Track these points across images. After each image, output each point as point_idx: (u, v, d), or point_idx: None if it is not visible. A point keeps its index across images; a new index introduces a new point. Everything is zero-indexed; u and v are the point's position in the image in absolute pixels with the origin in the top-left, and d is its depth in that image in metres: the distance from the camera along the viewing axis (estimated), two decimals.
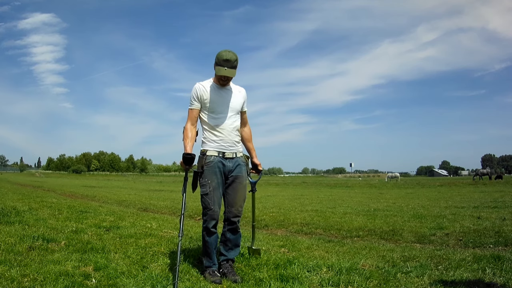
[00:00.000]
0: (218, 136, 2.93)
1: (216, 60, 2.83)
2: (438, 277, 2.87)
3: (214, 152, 2.91)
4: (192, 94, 2.96)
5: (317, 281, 2.75)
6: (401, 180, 39.94)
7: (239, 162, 3.00)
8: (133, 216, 6.68)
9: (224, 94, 2.98)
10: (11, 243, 3.66)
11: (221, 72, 2.81)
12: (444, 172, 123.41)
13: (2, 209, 6.18)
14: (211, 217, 2.86)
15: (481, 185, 23.54)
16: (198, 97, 2.94)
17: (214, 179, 2.87)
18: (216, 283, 2.70)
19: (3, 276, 2.60)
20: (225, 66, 2.80)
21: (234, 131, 2.99)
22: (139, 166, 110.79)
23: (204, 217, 2.89)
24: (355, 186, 27.11)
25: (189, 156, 2.81)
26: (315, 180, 48.37)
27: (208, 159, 2.89)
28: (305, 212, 8.00)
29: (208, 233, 2.89)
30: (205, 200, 2.87)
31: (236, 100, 3.02)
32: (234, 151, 2.97)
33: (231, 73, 2.83)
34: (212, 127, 2.94)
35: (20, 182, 26.05)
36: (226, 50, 2.82)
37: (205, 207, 2.88)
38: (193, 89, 2.96)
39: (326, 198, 13.19)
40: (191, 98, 2.97)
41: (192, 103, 2.97)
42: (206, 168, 2.88)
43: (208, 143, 2.94)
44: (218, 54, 2.83)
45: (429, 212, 7.59)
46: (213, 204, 2.85)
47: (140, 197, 12.54)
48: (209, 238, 2.89)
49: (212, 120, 2.94)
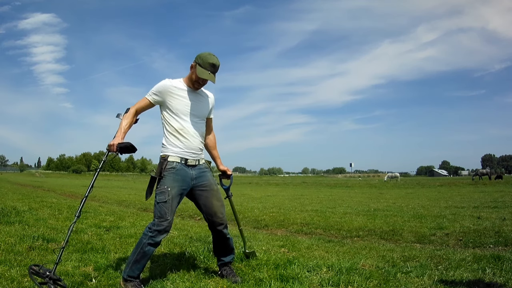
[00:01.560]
0: (183, 141, 2.69)
1: (200, 62, 2.64)
2: (438, 277, 2.87)
3: (177, 158, 2.65)
4: (158, 87, 2.70)
5: (317, 281, 2.75)
6: (401, 180, 39.92)
7: (203, 169, 2.79)
8: (133, 216, 6.68)
9: (193, 97, 2.76)
10: (11, 243, 3.66)
11: (204, 75, 2.63)
12: (444, 172, 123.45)
13: (2, 209, 6.18)
14: (165, 229, 2.55)
15: (481, 185, 23.52)
16: (163, 94, 2.69)
17: (175, 186, 2.60)
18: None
19: (3, 276, 2.61)
20: (209, 70, 2.64)
21: (200, 138, 2.78)
22: (139, 166, 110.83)
23: (156, 227, 2.53)
24: (355, 186, 27.09)
25: (124, 145, 2.56)
26: (315, 180, 48.35)
27: (170, 165, 2.63)
28: (305, 212, 8.00)
29: (154, 245, 2.56)
30: (162, 209, 2.55)
31: (205, 105, 2.85)
32: (197, 158, 2.75)
33: (213, 79, 2.67)
34: (177, 131, 2.69)
35: (20, 182, 26.04)
36: (211, 54, 2.67)
37: (160, 216, 2.54)
38: (161, 83, 2.71)
39: (326, 198, 13.18)
40: (155, 90, 2.70)
41: (152, 94, 2.71)
42: (166, 174, 2.61)
43: (171, 147, 2.68)
44: (203, 56, 2.65)
45: (429, 212, 7.59)
46: (170, 214, 2.55)
47: (140, 197, 12.52)
48: (150, 249, 2.55)
49: (177, 123, 2.70)
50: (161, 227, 2.53)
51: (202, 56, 2.66)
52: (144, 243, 2.53)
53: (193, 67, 2.70)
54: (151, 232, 2.53)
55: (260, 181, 43.55)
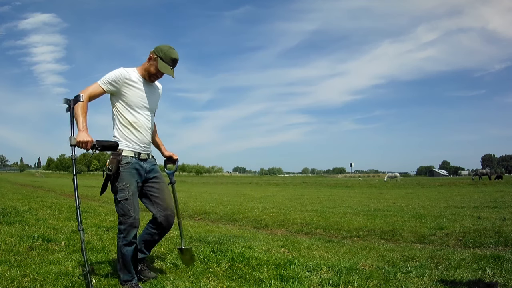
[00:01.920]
0: (137, 135, 2.58)
1: (163, 56, 2.54)
2: (438, 277, 2.87)
3: (130, 153, 2.55)
4: (115, 76, 2.51)
5: (317, 281, 2.75)
6: (401, 180, 39.91)
7: (154, 162, 2.73)
8: None
9: (148, 90, 2.65)
10: (11, 243, 3.66)
11: (166, 71, 2.55)
12: (444, 172, 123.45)
13: (2, 209, 6.19)
14: (133, 225, 2.48)
15: (481, 185, 23.52)
16: (119, 84, 2.52)
17: (132, 182, 2.52)
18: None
19: (3, 276, 2.60)
20: (170, 65, 2.57)
21: (151, 131, 2.70)
22: None
23: (123, 226, 2.47)
24: (355, 186, 27.08)
25: (109, 144, 2.42)
26: (315, 180, 48.35)
27: (125, 159, 2.51)
28: (305, 212, 8.00)
29: (128, 244, 2.49)
30: (125, 206, 2.46)
31: (156, 98, 2.76)
32: (148, 152, 2.67)
33: (173, 74, 2.60)
34: (131, 124, 2.56)
35: (20, 182, 26.05)
36: (172, 48, 2.58)
37: (124, 214, 2.47)
38: (117, 72, 2.53)
39: (326, 198, 13.18)
40: (111, 78, 2.51)
41: (106, 83, 2.51)
42: (123, 170, 2.49)
43: (125, 141, 2.55)
44: (165, 50, 2.55)
45: (429, 212, 7.59)
46: (133, 210, 2.48)
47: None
48: (128, 249, 2.50)
49: (132, 116, 2.57)
50: (127, 225, 2.46)
51: (164, 50, 2.55)
52: (120, 246, 2.49)
53: (153, 60, 2.58)
54: (121, 233, 2.48)
55: (260, 181, 43.53)
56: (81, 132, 2.34)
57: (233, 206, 9.39)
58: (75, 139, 2.33)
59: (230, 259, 3.30)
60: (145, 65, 2.62)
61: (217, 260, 3.27)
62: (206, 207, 8.87)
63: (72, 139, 2.34)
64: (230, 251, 3.52)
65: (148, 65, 2.61)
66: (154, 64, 2.57)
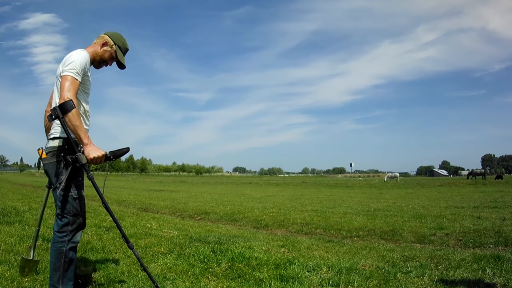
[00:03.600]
0: (87, 125, 2.33)
1: (121, 45, 2.43)
2: (438, 277, 2.87)
3: None
4: (83, 63, 2.20)
5: (317, 281, 2.75)
6: (401, 180, 39.92)
7: None
8: (133, 216, 6.69)
9: (91, 77, 2.42)
10: (11, 243, 3.66)
11: (123, 61, 2.46)
12: (444, 172, 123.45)
13: (2, 209, 6.19)
14: (81, 226, 2.25)
15: (481, 185, 23.54)
16: (85, 71, 2.24)
17: (83, 177, 2.28)
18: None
19: (3, 276, 2.61)
20: (124, 55, 2.48)
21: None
22: (139, 166, 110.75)
23: (71, 227, 2.17)
24: (355, 186, 27.10)
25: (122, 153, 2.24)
26: (315, 180, 48.36)
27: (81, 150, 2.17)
28: (305, 212, 8.00)
29: (76, 247, 2.23)
30: (77, 205, 2.21)
31: None
32: None
33: (125, 65, 2.50)
34: (84, 113, 2.31)
35: (20, 182, 26.05)
36: (125, 39, 2.47)
37: (74, 214, 2.19)
38: (85, 58, 2.23)
39: (326, 198, 13.18)
40: (82, 68, 2.19)
41: (80, 74, 2.18)
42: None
43: None
44: (123, 40, 2.45)
45: (429, 212, 7.59)
46: (84, 209, 2.27)
47: (140, 197, 12.53)
48: (73, 254, 2.21)
49: (86, 105, 2.33)
50: (76, 225, 2.20)
51: (121, 40, 2.44)
52: (65, 250, 2.15)
53: (108, 45, 2.39)
54: (68, 234, 2.17)
55: (260, 181, 43.53)
56: (90, 146, 2.09)
57: (233, 206, 9.39)
58: (86, 156, 2.07)
59: (230, 259, 3.30)
60: (97, 50, 2.38)
61: (217, 260, 3.27)
62: (206, 207, 8.87)
63: (81, 157, 2.06)
64: (230, 251, 3.53)
65: (101, 51, 2.38)
66: (110, 52, 2.40)
